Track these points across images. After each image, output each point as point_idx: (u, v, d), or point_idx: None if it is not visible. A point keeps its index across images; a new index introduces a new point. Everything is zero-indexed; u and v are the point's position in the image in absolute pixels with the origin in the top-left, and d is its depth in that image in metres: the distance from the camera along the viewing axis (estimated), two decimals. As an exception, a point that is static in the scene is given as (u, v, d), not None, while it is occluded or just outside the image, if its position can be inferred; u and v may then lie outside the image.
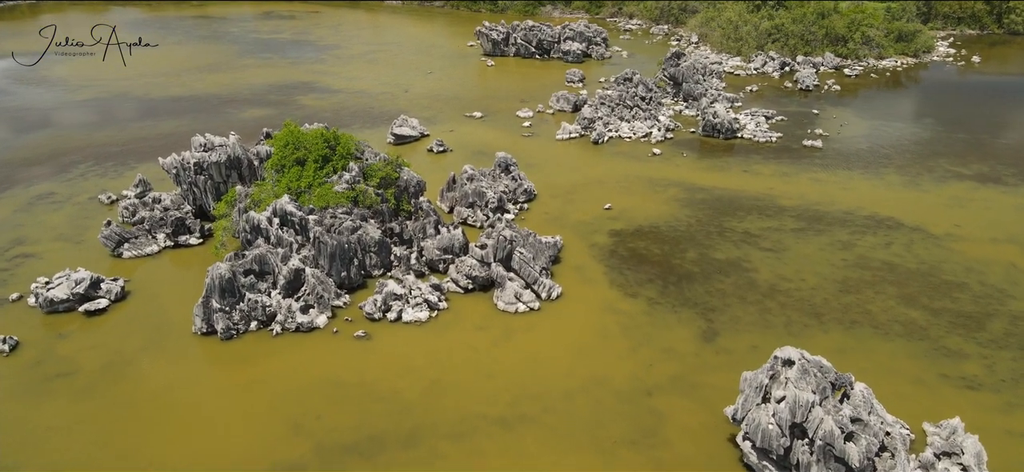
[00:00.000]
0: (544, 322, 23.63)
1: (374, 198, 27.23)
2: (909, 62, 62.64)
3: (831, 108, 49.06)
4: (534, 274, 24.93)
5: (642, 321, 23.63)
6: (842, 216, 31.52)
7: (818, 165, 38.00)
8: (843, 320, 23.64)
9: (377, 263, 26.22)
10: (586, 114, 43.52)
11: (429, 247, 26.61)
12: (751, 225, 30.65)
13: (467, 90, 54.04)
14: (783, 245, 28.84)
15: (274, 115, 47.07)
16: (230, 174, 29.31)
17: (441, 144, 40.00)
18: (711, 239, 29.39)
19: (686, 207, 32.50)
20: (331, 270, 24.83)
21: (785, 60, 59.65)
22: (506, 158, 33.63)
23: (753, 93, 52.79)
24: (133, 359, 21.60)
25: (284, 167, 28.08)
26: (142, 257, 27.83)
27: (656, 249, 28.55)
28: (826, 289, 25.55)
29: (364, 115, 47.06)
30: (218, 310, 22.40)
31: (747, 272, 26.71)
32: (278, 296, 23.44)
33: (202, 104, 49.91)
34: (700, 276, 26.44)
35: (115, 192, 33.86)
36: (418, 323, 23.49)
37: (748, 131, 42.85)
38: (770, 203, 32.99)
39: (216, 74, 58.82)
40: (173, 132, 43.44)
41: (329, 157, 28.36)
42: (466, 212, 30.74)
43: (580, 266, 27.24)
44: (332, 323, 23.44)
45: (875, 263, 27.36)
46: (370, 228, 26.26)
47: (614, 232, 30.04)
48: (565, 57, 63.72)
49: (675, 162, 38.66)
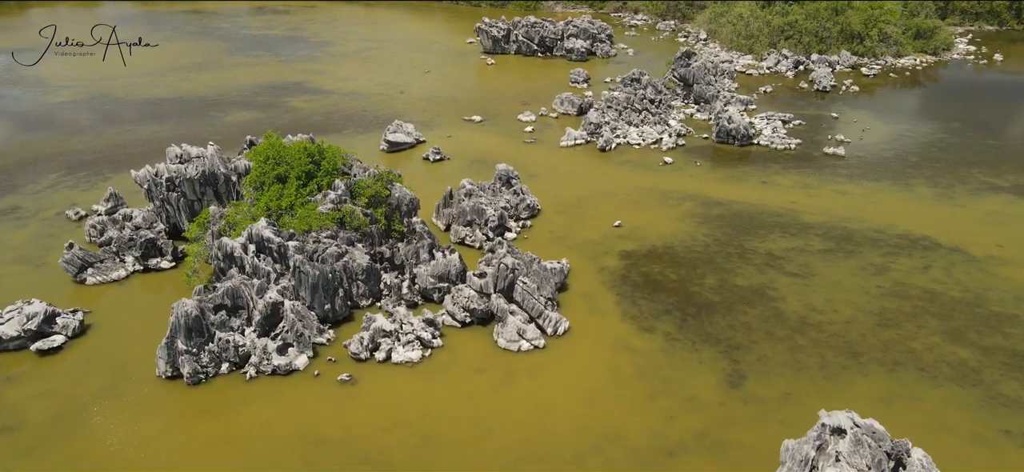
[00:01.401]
0: (550, 363, 21.16)
1: (362, 219, 24.72)
2: (929, 60, 59.98)
3: (851, 111, 46.46)
4: (538, 307, 22.44)
5: (659, 361, 21.16)
6: (873, 235, 29.00)
7: (842, 175, 35.44)
8: (884, 360, 21.15)
9: (365, 292, 23.74)
10: (592, 118, 40.97)
11: (422, 274, 24.12)
12: (774, 245, 28.15)
13: (466, 91, 51.44)
14: (811, 269, 26.33)
15: (262, 119, 44.51)
16: (205, 191, 26.80)
17: (438, 152, 37.47)
18: (731, 262, 26.88)
19: (702, 224, 29.98)
20: (313, 302, 22.35)
21: (799, 58, 57.01)
22: (507, 170, 31.10)
23: (767, 94, 50.18)
24: (87, 409, 19.13)
25: (264, 184, 25.56)
26: (107, 283, 25.35)
27: (672, 274, 26.05)
28: (862, 322, 23.06)
29: (357, 119, 44.50)
30: (184, 352, 19.93)
31: (773, 302, 24.22)
32: (253, 334, 20.96)
33: (186, 106, 47.33)
34: (721, 306, 23.95)
35: (85, 207, 31.36)
36: (409, 364, 21.03)
37: (765, 137, 40.27)
38: (793, 219, 30.47)
39: (203, 73, 56.21)
40: (153, 138, 40.90)
41: (313, 173, 25.84)
42: (464, 231, 28.23)
43: (589, 294, 24.76)
44: (313, 364, 20.98)
45: (914, 291, 24.86)
46: (357, 254, 23.77)
47: (625, 253, 27.54)
48: (568, 55, 61.08)
49: (688, 172, 36.12)
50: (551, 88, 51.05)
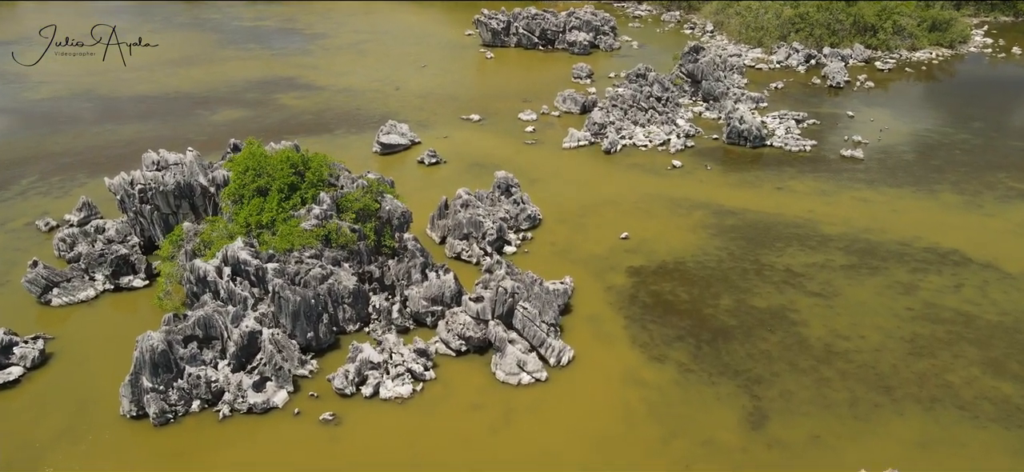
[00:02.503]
0: (553, 399, 19.32)
1: (350, 236, 22.82)
2: (945, 54, 57.81)
3: (866, 109, 44.39)
4: (540, 335, 20.58)
5: (673, 397, 19.32)
6: (898, 248, 27.09)
7: (861, 180, 33.47)
8: (920, 396, 19.30)
9: (352, 317, 21.88)
10: (596, 118, 38.96)
11: (414, 296, 22.24)
12: (793, 260, 26.25)
13: (464, 87, 49.37)
14: (833, 288, 24.44)
15: (250, 118, 42.52)
16: (180, 204, 24.87)
17: (433, 155, 35.50)
18: (748, 279, 24.99)
19: (715, 236, 28.07)
20: (295, 330, 20.48)
21: (810, 52, 54.87)
22: (507, 178, 29.15)
23: (778, 91, 48.10)
24: (43, 455, 17.31)
25: (243, 198, 23.64)
26: (75, 304, 23.48)
27: (684, 293, 24.16)
28: (893, 350, 21.20)
29: (349, 118, 42.48)
30: (150, 390, 18.08)
31: (795, 326, 22.34)
32: (227, 368, 19.11)
33: (173, 104, 45.30)
34: (739, 332, 22.08)
35: (57, 216, 29.46)
36: (399, 400, 19.19)
37: (778, 138, 38.27)
38: (812, 230, 28.54)
39: (191, 68, 54.11)
40: (135, 139, 38.92)
41: (297, 185, 23.91)
42: (460, 245, 26.33)
43: (595, 317, 22.88)
44: (294, 400, 19.14)
45: (946, 313, 22.97)
46: (343, 275, 21.88)
47: (633, 270, 25.65)
48: (571, 48, 58.93)
49: (698, 176, 34.15)
50: (553, 84, 48.98)
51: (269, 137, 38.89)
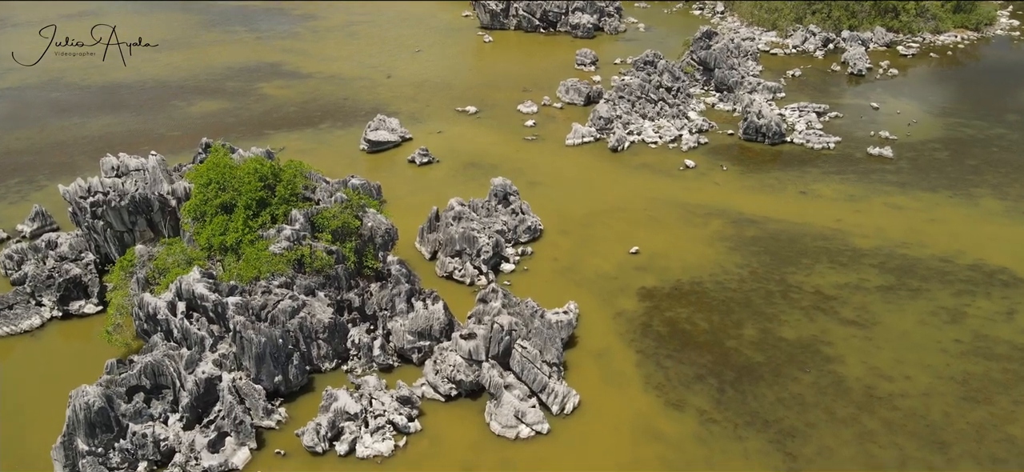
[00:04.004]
0: (556, 456, 16.77)
1: (326, 259, 20.13)
2: (970, 37, 54.56)
3: (892, 100, 41.39)
4: (541, 378, 17.98)
5: (694, 454, 16.76)
6: (939, 266, 24.38)
7: (892, 182, 30.66)
8: (979, 454, 16.73)
9: (328, 353, 19.28)
10: (602, 112, 36.05)
11: (399, 330, 19.61)
12: (822, 279, 23.57)
13: (460, 75, 46.32)
14: (871, 315, 21.78)
15: (229, 110, 39.62)
16: (135, 221, 22.13)
17: (425, 153, 32.66)
18: (774, 303, 22.34)
19: (735, 250, 25.36)
20: (260, 374, 17.88)
21: (828, 36, 51.65)
22: (504, 185, 26.38)
23: (796, 79, 45.04)
24: (-41, 532, 14.85)
25: (205, 214, 20.92)
26: (17, 335, 20.87)
27: (702, 321, 21.51)
28: (943, 394, 18.60)
29: (336, 111, 39.54)
30: (87, 453, 15.54)
31: (830, 363, 19.73)
32: (178, 424, 16.54)
33: (147, 94, 42.35)
34: (767, 370, 19.48)
35: (8, 227, 26.78)
36: (378, 460, 16.64)
37: (799, 133, 35.40)
38: (842, 243, 25.83)
39: (172, 53, 51.00)
40: (105, 133, 36.10)
41: (266, 201, 21.17)
42: (452, 263, 23.64)
43: (603, 352, 20.27)
44: (257, 459, 16.59)
45: (1001, 348, 20.33)
46: (318, 307, 19.24)
47: (645, 291, 22.98)
48: (574, 31, 55.67)
49: (713, 177, 31.35)
50: (555, 71, 45.90)
51: (248, 133, 36.11)
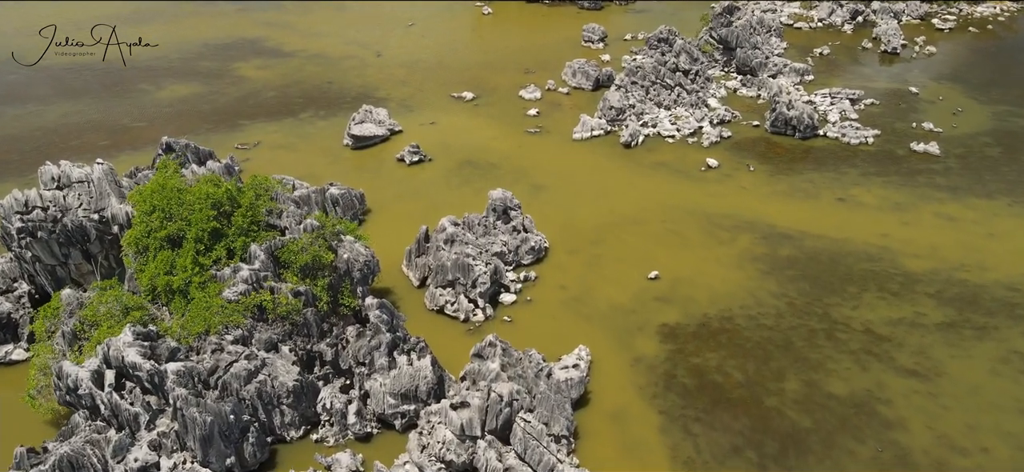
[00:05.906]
0: (567, 564, 13.80)
1: (292, 304, 16.93)
2: (1010, 8, 50.44)
3: (932, 83, 37.64)
4: (549, 459, 14.91)
5: (734, 560, 13.78)
6: (1006, 295, 21.12)
7: (942, 187, 27.24)
8: (1083, 563, 13.74)
9: (293, 420, 16.20)
10: (613, 101, 32.45)
11: (378, 391, 16.48)
12: (873, 313, 20.36)
13: (456, 53, 42.51)
14: (932, 362, 18.62)
15: (201, 95, 36.02)
16: (68, 253, 18.82)
17: (416, 150, 29.20)
18: (818, 346, 19.17)
19: (768, 274, 22.10)
20: (208, 456, 14.80)
21: (857, 7, 47.60)
22: (504, 199, 23.01)
23: (824, 58, 41.22)
24: None
25: (149, 249, 17.64)
26: (-68, 391, 17.78)
27: (736, 371, 18.37)
28: (1029, 474, 15.55)
29: (319, 97, 35.92)
30: None
31: (889, 428, 16.64)
32: (104, 529, 13.53)
33: (113, 76, 38.70)
34: (816, 440, 16.39)
35: (-61, 245, 23.52)
36: (350, 570, 13.68)
37: (832, 125, 31.84)
38: (891, 265, 22.55)
39: (144, 27, 46.97)
40: (61, 124, 32.60)
41: (222, 231, 17.88)
42: (443, 295, 20.40)
43: (620, 412, 17.18)
44: (202, 569, 13.64)
45: (1091, 408, 17.22)
46: (281, 366, 16.09)
47: (667, 331, 19.80)
48: (579, 3, 51.56)
49: (739, 180, 27.93)
50: (560, 49, 42.10)
51: (220, 124, 32.64)
